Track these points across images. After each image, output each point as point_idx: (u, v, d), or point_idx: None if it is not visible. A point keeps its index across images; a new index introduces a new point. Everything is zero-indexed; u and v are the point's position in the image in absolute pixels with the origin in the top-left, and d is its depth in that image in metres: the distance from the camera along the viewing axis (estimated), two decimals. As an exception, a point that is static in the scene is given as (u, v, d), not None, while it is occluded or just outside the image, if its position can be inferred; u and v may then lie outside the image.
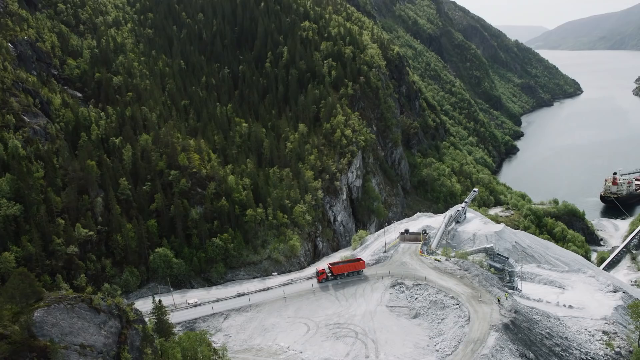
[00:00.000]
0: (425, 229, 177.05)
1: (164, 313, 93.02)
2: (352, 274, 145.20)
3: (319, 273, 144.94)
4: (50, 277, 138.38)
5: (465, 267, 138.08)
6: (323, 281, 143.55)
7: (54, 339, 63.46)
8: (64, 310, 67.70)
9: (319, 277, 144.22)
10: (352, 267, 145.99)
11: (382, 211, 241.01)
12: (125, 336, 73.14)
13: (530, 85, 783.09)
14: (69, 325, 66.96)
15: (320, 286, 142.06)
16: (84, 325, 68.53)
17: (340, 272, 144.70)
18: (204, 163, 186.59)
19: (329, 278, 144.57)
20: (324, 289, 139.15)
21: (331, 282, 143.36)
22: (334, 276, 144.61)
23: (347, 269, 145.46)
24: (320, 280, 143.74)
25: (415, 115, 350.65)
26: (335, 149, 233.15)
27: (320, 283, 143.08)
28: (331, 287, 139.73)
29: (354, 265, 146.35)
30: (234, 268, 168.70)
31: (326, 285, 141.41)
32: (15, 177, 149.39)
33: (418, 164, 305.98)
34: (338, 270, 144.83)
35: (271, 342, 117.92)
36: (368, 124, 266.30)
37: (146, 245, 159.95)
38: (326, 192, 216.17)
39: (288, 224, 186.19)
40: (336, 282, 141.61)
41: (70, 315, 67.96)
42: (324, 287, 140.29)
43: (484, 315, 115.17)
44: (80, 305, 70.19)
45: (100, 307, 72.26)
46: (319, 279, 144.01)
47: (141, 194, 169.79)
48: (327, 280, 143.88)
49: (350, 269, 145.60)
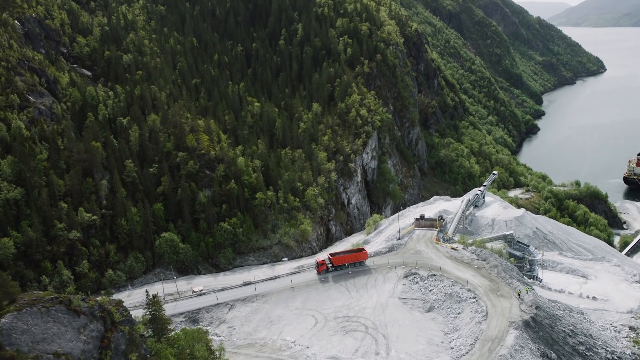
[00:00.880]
0: (442, 214, 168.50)
1: (160, 308, 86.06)
2: (353, 265, 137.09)
3: (319, 264, 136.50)
4: (52, 263, 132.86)
5: (483, 257, 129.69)
6: (323, 273, 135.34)
7: (22, 347, 56.74)
8: (37, 314, 60.93)
9: (319, 269, 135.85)
10: (353, 257, 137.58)
11: (398, 193, 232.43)
12: (108, 340, 66.40)
13: (552, 63, 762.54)
14: (42, 331, 60.20)
15: (324, 277, 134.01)
16: (60, 331, 61.78)
17: (341, 263, 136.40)
18: (213, 144, 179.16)
19: (329, 269, 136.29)
20: (334, 279, 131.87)
21: (334, 272, 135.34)
22: (334, 267, 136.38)
23: (348, 259, 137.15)
24: (319, 271, 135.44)
25: (433, 94, 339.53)
26: (349, 130, 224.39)
27: (320, 275, 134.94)
28: (341, 277, 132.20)
29: (355, 256, 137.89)
30: (243, 253, 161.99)
31: (337, 275, 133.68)
32: (16, 159, 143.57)
33: (436, 144, 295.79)
34: (339, 261, 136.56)
35: (276, 335, 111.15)
36: (384, 104, 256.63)
37: (152, 230, 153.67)
38: (340, 174, 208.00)
39: (299, 208, 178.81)
40: (346, 272, 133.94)
41: (45, 319, 61.15)
42: (333, 277, 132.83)
43: (502, 311, 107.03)
44: (57, 308, 63.42)
45: (80, 309, 65.50)
46: (319, 270, 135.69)
47: (147, 177, 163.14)
48: (327, 272, 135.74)
49: (352, 259, 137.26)
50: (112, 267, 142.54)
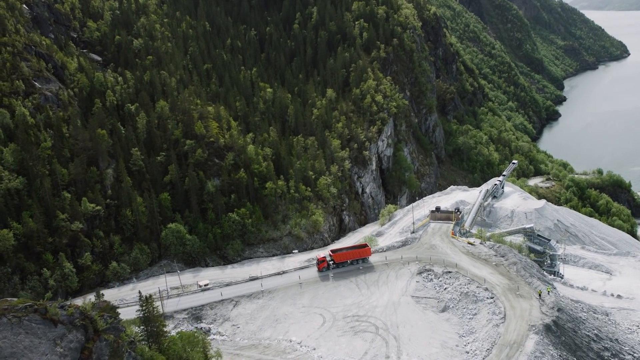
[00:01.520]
0: (459, 206, 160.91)
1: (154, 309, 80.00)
2: (356, 262, 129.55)
3: (319, 261, 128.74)
4: (53, 255, 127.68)
5: (501, 253, 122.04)
6: (324, 270, 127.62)
7: (-15, 365, 50.76)
8: (7, 325, 55.06)
9: (319, 266, 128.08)
10: (356, 254, 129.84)
11: (414, 182, 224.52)
12: (90, 351, 60.56)
13: (574, 47, 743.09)
14: (11, 344, 54.31)
15: (324, 274, 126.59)
16: (32, 343, 55.87)
17: (343, 260, 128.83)
18: (223, 132, 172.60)
19: (331, 266, 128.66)
20: (344, 275, 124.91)
21: (337, 270, 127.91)
22: (335, 264, 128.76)
23: (350, 256, 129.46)
24: (320, 269, 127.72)
25: (451, 79, 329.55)
26: (364, 116, 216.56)
27: (321, 272, 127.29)
28: (352, 273, 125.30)
29: (358, 253, 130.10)
30: (252, 245, 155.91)
31: (347, 270, 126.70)
32: (19, 147, 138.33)
33: (454, 131, 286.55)
34: (340, 257, 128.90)
35: (282, 335, 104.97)
36: (401, 89, 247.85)
37: (158, 221, 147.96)
38: (354, 163, 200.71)
39: (311, 198, 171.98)
40: (357, 267, 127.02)
41: (16, 331, 55.28)
42: (343, 273, 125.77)
43: (522, 313, 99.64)
44: (31, 318, 57.47)
45: (57, 318, 59.56)
46: (319, 267, 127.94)
47: (154, 165, 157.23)
48: (329, 269, 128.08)
49: (354, 256, 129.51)
50: (117, 259, 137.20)
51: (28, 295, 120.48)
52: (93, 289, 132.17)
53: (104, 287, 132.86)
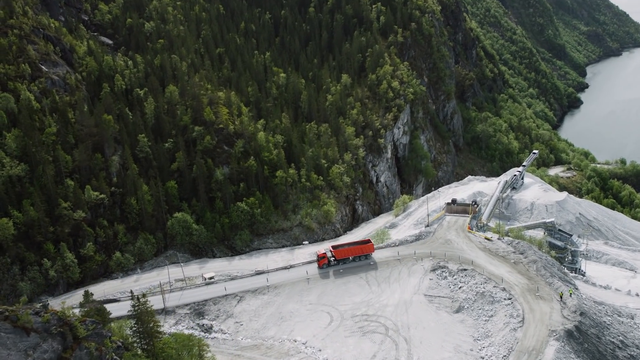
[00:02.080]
0: (476, 199, 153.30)
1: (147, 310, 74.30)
2: (358, 259, 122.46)
3: (319, 257, 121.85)
4: (54, 245, 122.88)
5: (520, 250, 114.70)
6: (324, 267, 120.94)
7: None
8: (-29, 336, 49.36)
9: (319, 262, 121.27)
10: (358, 250, 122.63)
11: (431, 171, 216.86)
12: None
13: (598, 33, 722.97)
14: (-25, 357, 48.71)
15: (324, 271, 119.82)
16: (0, 355, 50.12)
17: (344, 257, 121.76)
18: (233, 118, 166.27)
19: (332, 263, 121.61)
20: (353, 270, 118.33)
21: (338, 266, 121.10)
22: (337, 261, 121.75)
23: (352, 252, 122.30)
24: (320, 265, 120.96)
25: (471, 65, 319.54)
26: (380, 103, 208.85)
27: (321, 269, 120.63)
28: (362, 268, 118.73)
29: (360, 249, 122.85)
30: (261, 235, 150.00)
31: (357, 266, 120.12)
32: (22, 132, 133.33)
33: (472, 118, 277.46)
34: (342, 254, 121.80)
35: (287, 334, 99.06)
36: (418, 75, 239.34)
37: (164, 210, 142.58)
38: (369, 150, 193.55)
39: (323, 187, 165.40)
40: (368, 263, 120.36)
41: (-19, 342, 49.60)
42: (353, 269, 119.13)
43: (541, 316, 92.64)
44: (0, 326, 51.67)
45: (30, 326, 53.96)
46: (320, 264, 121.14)
47: (162, 152, 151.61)
48: (330, 266, 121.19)
49: (356, 252, 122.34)
50: (121, 250, 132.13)
51: (27, 286, 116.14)
52: (96, 279, 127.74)
53: (107, 278, 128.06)
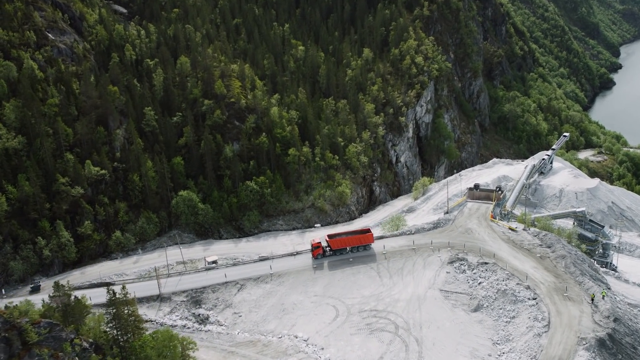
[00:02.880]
0: (501, 182, 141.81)
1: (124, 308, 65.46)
2: (356, 249, 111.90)
3: (314, 247, 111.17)
4: (50, 223, 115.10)
5: (548, 243, 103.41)
6: (319, 257, 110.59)
7: None
8: None
9: (314, 252, 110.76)
10: (356, 240, 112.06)
11: (454, 152, 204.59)
12: (11, 373, 45.83)
13: (633, 12, 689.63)
14: None
15: (319, 263, 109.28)
16: None
17: (341, 247, 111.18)
18: (246, 92, 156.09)
19: (327, 253, 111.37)
20: (364, 260, 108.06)
21: (332, 258, 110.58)
22: (332, 251, 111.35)
23: (350, 242, 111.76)
24: (315, 255, 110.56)
25: (500, 42, 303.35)
26: (402, 79, 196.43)
27: (316, 260, 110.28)
28: (373, 258, 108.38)
29: (358, 239, 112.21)
30: (271, 216, 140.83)
31: (369, 255, 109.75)
32: (20, 103, 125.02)
33: (500, 97, 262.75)
34: (338, 244, 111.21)
35: (288, 329, 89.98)
36: (444, 51, 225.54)
37: (169, 187, 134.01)
38: (389, 129, 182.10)
39: (338, 167, 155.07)
40: (381, 252, 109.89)
41: None
42: (364, 258, 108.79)
43: (570, 321, 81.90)
44: None
45: (-36, 333, 44.89)
46: (314, 254, 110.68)
47: (169, 127, 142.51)
48: (325, 257, 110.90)
49: (355, 242, 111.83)
50: (121, 228, 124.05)
51: (19, 265, 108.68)
52: (94, 260, 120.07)
53: (106, 258, 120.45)
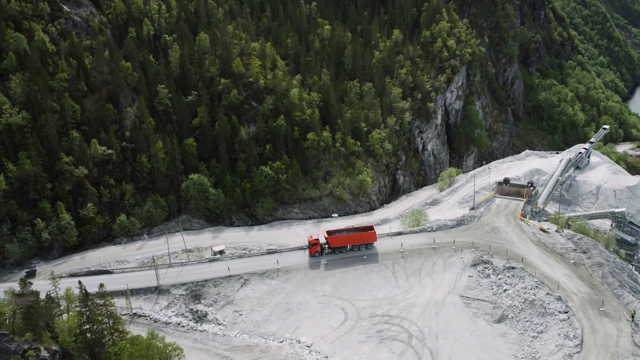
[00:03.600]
0: (533, 177, 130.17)
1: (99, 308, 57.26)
2: (357, 248, 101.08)
3: (311, 244, 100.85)
4: (51, 204, 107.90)
5: (583, 248, 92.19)
6: (316, 255, 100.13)
7: None
8: None
9: (311, 250, 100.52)
10: (357, 238, 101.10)
11: (484, 141, 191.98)
12: None
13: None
14: None
15: (316, 261, 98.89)
16: None
17: (340, 245, 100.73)
18: (265, 71, 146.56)
19: (325, 251, 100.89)
20: (380, 258, 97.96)
21: (331, 256, 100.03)
22: (331, 249, 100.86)
23: (350, 240, 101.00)
24: (312, 253, 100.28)
25: (538, 27, 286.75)
26: (433, 63, 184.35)
27: (313, 257, 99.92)
28: (390, 256, 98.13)
29: (360, 237, 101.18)
30: (286, 204, 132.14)
31: (385, 253, 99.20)
32: (26, 76, 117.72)
33: (535, 85, 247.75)
34: (337, 241, 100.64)
35: (290, 332, 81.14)
36: (478, 34, 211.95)
37: (179, 170, 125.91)
38: (416, 115, 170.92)
39: (360, 153, 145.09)
40: (398, 250, 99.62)
41: None
42: (380, 256, 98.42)
43: (605, 341, 71.32)
44: None
45: None
46: (311, 251, 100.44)
47: (182, 106, 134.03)
48: (322, 255, 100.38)
49: (355, 240, 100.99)
50: (127, 212, 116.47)
51: (16, 248, 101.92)
52: (97, 244, 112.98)
53: (110, 242, 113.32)
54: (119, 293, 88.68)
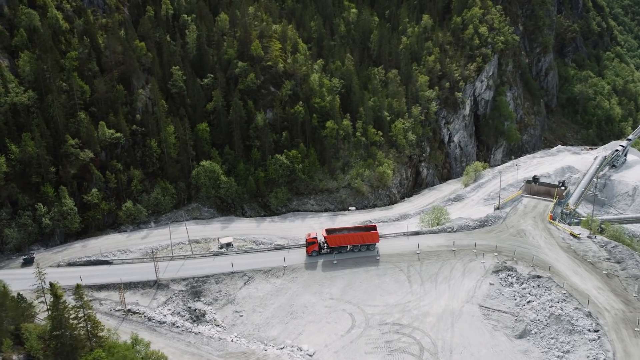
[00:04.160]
0: (565, 175, 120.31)
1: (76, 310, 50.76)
2: (358, 249, 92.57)
3: (309, 242, 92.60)
4: (54, 188, 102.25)
5: (618, 257, 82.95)
6: (313, 254, 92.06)
7: None
8: None
9: (308, 248, 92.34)
10: (358, 238, 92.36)
11: (514, 134, 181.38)
12: None
13: None
14: None
15: (313, 260, 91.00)
16: None
17: (339, 245, 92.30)
18: (286, 55, 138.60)
19: (324, 251, 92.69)
20: (394, 259, 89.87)
21: (331, 256, 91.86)
22: (329, 249, 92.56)
23: (350, 240, 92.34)
24: (309, 252, 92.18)
25: (575, 16, 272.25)
26: (463, 51, 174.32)
27: (310, 257, 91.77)
28: (405, 258, 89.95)
29: (361, 237, 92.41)
30: (301, 195, 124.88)
31: (400, 254, 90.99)
32: (35, 55, 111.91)
33: (571, 77, 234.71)
34: (336, 241, 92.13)
35: (292, 338, 73.97)
36: (512, 22, 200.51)
37: (190, 156, 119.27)
38: (443, 105, 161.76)
39: (381, 144, 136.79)
40: (414, 252, 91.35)
41: None
42: (394, 257, 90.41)
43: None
44: None
45: None
46: (308, 250, 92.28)
47: (197, 89, 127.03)
48: (320, 255, 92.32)
49: (356, 241, 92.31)
50: (135, 198, 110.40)
51: (15, 233, 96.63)
52: (102, 231, 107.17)
53: (115, 230, 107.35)
54: (116, 286, 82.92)
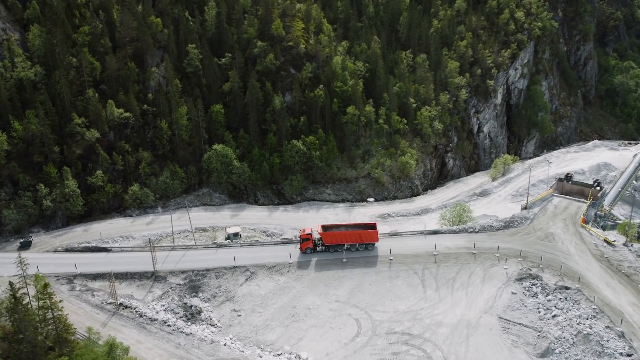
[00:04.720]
0: (601, 172, 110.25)
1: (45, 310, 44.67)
2: (355, 248, 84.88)
3: (303, 239, 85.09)
4: (57, 169, 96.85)
5: (658, 270, 73.56)
6: (308, 252, 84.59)
7: None
8: None
9: (302, 246, 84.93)
10: (355, 236, 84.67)
11: (548, 125, 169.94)
12: None
13: None
14: None
15: (308, 258, 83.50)
16: None
17: (335, 243, 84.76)
18: (308, 35, 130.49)
19: (318, 248, 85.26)
20: (408, 260, 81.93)
21: (326, 255, 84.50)
22: (325, 247, 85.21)
23: (347, 238, 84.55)
24: (303, 249, 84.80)
25: (619, 3, 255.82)
26: (497, 36, 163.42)
27: (304, 254, 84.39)
28: (420, 259, 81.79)
29: (359, 235, 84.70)
30: (318, 183, 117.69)
31: (417, 254, 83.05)
32: (45, 29, 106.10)
33: (611, 67, 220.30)
34: (332, 238, 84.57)
35: (292, 343, 67.22)
36: (551, 7, 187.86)
37: (202, 139, 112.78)
38: (473, 93, 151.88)
39: (405, 132, 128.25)
40: (431, 253, 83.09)
41: None
42: (407, 258, 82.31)
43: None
44: None
45: None
46: (302, 247, 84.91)
47: (214, 69, 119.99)
48: (315, 252, 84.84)
49: (353, 239, 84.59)
50: (141, 181, 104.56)
51: (14, 215, 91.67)
52: (106, 214, 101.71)
53: (120, 214, 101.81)
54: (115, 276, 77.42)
